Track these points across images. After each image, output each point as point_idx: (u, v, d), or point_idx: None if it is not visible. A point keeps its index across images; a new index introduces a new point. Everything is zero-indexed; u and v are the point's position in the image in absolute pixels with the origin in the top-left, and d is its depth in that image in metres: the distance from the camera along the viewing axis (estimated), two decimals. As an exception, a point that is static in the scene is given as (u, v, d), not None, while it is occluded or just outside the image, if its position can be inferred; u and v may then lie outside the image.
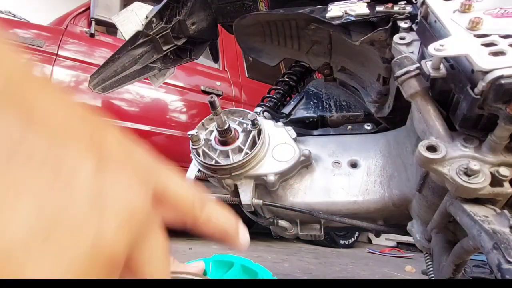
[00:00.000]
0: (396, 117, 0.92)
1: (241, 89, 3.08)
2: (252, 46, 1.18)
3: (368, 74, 0.99)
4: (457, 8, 0.61)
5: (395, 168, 0.84)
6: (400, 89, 0.67)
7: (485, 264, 2.43)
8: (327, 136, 0.98)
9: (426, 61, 0.60)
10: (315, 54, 1.12)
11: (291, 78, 1.24)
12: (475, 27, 0.55)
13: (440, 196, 0.65)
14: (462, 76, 0.55)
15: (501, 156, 0.56)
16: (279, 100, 1.17)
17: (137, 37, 1.03)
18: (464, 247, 0.59)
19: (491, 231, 0.48)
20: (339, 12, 0.87)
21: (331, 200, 0.84)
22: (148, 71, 1.09)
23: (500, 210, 0.55)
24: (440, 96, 0.63)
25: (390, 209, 0.82)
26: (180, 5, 1.10)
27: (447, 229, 0.69)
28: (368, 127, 0.99)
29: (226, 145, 0.83)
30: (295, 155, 0.85)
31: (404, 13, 0.80)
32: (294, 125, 0.96)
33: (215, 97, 0.76)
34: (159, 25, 1.05)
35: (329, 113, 1.06)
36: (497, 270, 0.44)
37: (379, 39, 0.85)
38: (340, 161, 0.89)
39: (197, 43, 1.24)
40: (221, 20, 1.26)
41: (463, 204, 0.56)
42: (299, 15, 0.99)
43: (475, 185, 0.53)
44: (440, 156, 0.56)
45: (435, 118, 0.62)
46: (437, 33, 0.63)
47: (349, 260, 2.99)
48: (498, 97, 0.49)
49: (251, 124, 0.85)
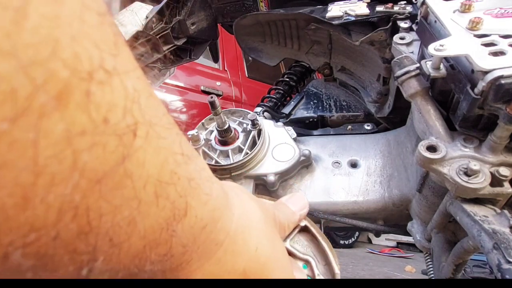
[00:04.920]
0: (396, 117, 0.92)
1: (241, 89, 3.08)
2: (252, 46, 1.18)
3: (368, 74, 0.99)
4: (457, 8, 0.61)
5: (395, 168, 0.84)
6: (400, 89, 0.67)
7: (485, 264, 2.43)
8: (327, 136, 0.98)
9: (426, 61, 0.60)
10: (315, 54, 1.12)
11: (291, 78, 1.24)
12: (475, 27, 0.55)
13: (440, 196, 0.65)
14: (462, 76, 0.55)
15: (501, 156, 0.56)
16: (279, 100, 1.17)
17: (137, 37, 1.03)
18: (464, 247, 0.59)
19: (491, 231, 0.48)
20: (339, 12, 0.87)
21: (331, 200, 0.84)
22: (148, 71, 1.09)
23: (500, 210, 0.55)
24: (440, 96, 0.63)
25: (390, 209, 0.82)
26: (180, 5, 1.10)
27: (447, 229, 0.69)
28: (368, 127, 0.99)
29: (226, 145, 0.83)
30: (295, 155, 0.85)
31: (404, 13, 0.80)
32: (294, 125, 0.96)
33: (215, 97, 0.76)
34: (159, 25, 1.05)
35: (329, 113, 1.06)
36: (497, 270, 0.44)
37: (379, 39, 0.85)
38: (340, 161, 0.89)
39: (197, 43, 1.24)
40: (221, 20, 1.26)
41: (463, 204, 0.56)
42: (299, 15, 0.99)
43: (475, 185, 0.53)
44: (440, 156, 0.56)
45: (435, 118, 0.62)
46: (437, 33, 0.63)
47: (349, 260, 2.99)
48: (498, 97, 0.49)
49: (251, 124, 0.85)
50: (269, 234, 0.25)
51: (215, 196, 0.20)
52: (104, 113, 0.12)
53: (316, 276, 0.35)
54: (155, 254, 0.17)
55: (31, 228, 0.11)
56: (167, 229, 0.17)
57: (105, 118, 0.12)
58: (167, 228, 0.17)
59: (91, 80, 0.12)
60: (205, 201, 0.19)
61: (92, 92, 0.12)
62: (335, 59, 1.09)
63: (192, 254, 0.19)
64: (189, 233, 0.18)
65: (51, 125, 0.11)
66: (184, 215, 0.17)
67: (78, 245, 0.13)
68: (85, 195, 0.12)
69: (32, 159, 0.11)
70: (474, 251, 0.57)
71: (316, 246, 0.38)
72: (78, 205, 0.12)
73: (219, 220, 0.21)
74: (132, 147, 0.14)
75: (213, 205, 0.20)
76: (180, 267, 0.19)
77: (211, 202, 0.20)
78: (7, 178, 0.10)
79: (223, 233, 0.21)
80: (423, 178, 0.67)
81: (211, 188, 0.20)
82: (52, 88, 0.10)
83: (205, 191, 0.19)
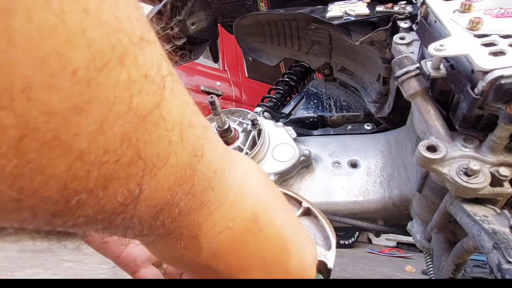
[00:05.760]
0: (396, 117, 0.92)
1: (241, 89, 3.08)
2: (252, 46, 1.18)
3: (368, 74, 0.99)
4: (457, 8, 0.61)
5: (395, 168, 0.84)
6: (400, 89, 0.67)
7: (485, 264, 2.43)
8: (327, 136, 0.98)
9: (426, 61, 0.60)
10: (315, 54, 1.12)
11: (291, 78, 1.24)
12: (475, 27, 0.55)
13: (440, 196, 0.65)
14: (462, 76, 0.55)
15: (501, 156, 0.56)
16: (279, 100, 1.17)
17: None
18: (464, 247, 0.59)
19: (491, 231, 0.48)
20: (339, 12, 0.87)
21: (331, 200, 0.84)
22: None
23: (500, 210, 0.55)
24: (440, 96, 0.63)
25: (390, 209, 0.82)
26: (180, 5, 1.10)
27: (447, 229, 0.69)
28: (368, 127, 0.99)
29: (226, 145, 0.83)
30: (295, 155, 0.85)
31: (404, 13, 0.80)
32: (294, 125, 0.96)
33: (215, 97, 0.76)
34: (159, 25, 1.05)
35: (329, 113, 1.06)
36: (497, 270, 0.44)
37: (379, 39, 0.85)
38: (340, 161, 0.89)
39: (197, 43, 1.24)
40: (221, 20, 1.26)
41: (463, 204, 0.56)
42: (299, 15, 0.99)
43: (475, 185, 0.53)
44: (440, 156, 0.56)
45: (435, 118, 0.62)
46: (437, 33, 0.63)
47: (349, 260, 2.99)
48: (498, 97, 0.49)
49: (251, 124, 0.85)
50: (266, 181, 0.31)
51: (221, 147, 0.25)
52: (146, 70, 0.17)
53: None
54: (182, 191, 0.21)
55: (104, 151, 0.16)
56: (190, 167, 0.21)
57: (146, 73, 0.17)
58: (190, 166, 0.21)
59: (138, 46, 0.16)
60: (214, 149, 0.24)
61: (138, 54, 0.16)
62: (335, 59, 1.09)
63: (209, 194, 0.24)
64: (205, 173, 0.23)
65: (117, 74, 0.15)
66: (201, 156, 0.22)
67: (132, 169, 0.17)
68: (135, 128, 0.17)
69: (107, 97, 0.15)
70: (474, 251, 0.58)
71: (317, 226, 0.43)
72: (131, 136, 0.17)
73: (226, 168, 0.26)
74: (163, 96, 0.18)
75: (220, 154, 0.25)
76: (200, 207, 0.24)
77: (218, 151, 0.25)
78: (93, 110, 0.15)
79: (231, 179, 0.26)
80: (423, 178, 0.67)
81: (217, 140, 0.25)
82: (120, 49, 0.15)
83: (213, 141, 0.24)
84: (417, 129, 0.67)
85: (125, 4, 0.16)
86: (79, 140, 0.15)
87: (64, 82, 0.14)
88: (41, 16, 0.13)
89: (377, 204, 0.82)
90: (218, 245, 0.26)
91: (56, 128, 0.14)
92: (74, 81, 0.14)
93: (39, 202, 0.15)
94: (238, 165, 0.28)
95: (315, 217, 0.43)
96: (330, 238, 0.42)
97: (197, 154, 0.21)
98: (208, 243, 0.25)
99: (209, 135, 0.23)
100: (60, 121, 0.14)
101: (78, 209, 0.17)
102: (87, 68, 0.14)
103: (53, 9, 0.13)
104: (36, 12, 0.13)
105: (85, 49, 0.14)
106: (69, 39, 0.13)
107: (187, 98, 0.21)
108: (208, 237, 0.25)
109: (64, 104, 0.14)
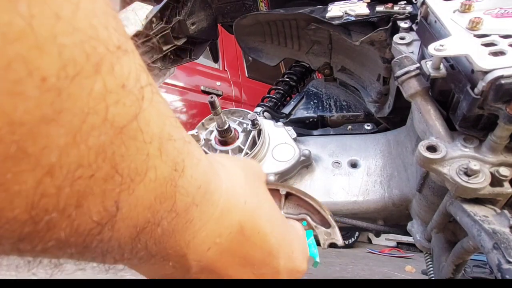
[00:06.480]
0: (396, 117, 0.92)
1: (241, 89, 3.08)
2: (252, 46, 1.18)
3: (368, 74, 0.99)
4: (457, 8, 0.61)
5: (395, 168, 0.84)
6: (400, 89, 0.67)
7: (485, 264, 2.43)
8: (327, 136, 0.98)
9: (426, 61, 0.60)
10: (315, 54, 1.12)
11: (291, 78, 1.24)
12: (475, 27, 0.55)
13: (440, 196, 0.65)
14: (462, 76, 0.55)
15: (501, 156, 0.56)
16: (279, 100, 1.17)
17: (137, 37, 1.02)
18: (464, 247, 0.59)
19: (491, 231, 0.48)
20: (339, 12, 0.87)
21: (331, 200, 0.84)
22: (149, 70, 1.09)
23: (500, 210, 0.55)
24: (440, 96, 0.63)
25: (390, 209, 0.82)
26: (180, 5, 1.10)
27: (447, 229, 0.69)
28: (368, 127, 0.99)
29: (226, 145, 0.83)
30: (295, 155, 0.85)
31: (404, 13, 0.80)
32: (294, 125, 0.96)
33: (215, 97, 0.76)
34: (159, 25, 1.05)
35: (329, 113, 1.06)
36: (497, 270, 0.44)
37: (379, 39, 0.85)
38: (340, 161, 0.89)
39: (197, 43, 1.24)
40: (221, 20, 1.26)
41: (463, 204, 0.56)
42: (299, 15, 0.99)
43: (475, 185, 0.53)
44: (440, 156, 0.56)
45: (435, 118, 0.62)
46: (437, 33, 0.63)
47: (349, 260, 2.99)
48: (498, 97, 0.49)
49: (251, 124, 0.85)
50: (251, 188, 0.30)
51: (203, 161, 0.24)
52: (123, 80, 0.16)
53: (315, 228, 0.43)
54: (164, 209, 0.20)
55: (77, 165, 0.15)
56: (171, 183, 0.20)
57: (123, 83, 0.16)
58: (171, 181, 0.20)
59: (115, 55, 0.16)
60: (196, 163, 0.23)
61: (115, 63, 0.16)
62: (335, 59, 1.09)
63: (193, 211, 0.23)
64: (188, 189, 0.22)
65: (92, 83, 0.14)
66: (183, 171, 0.21)
67: (108, 184, 0.16)
68: (112, 141, 0.16)
69: (80, 107, 0.14)
70: (474, 251, 0.58)
71: (304, 204, 0.45)
72: (107, 149, 0.16)
73: (210, 183, 0.25)
74: (141, 107, 0.17)
75: (203, 168, 0.24)
76: (185, 226, 0.23)
77: (201, 165, 0.24)
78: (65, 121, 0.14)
79: (217, 194, 0.25)
80: (423, 178, 0.67)
81: (200, 154, 0.24)
82: (95, 58, 0.15)
83: (196, 155, 0.23)
84: (417, 129, 0.67)
85: (102, 13, 0.16)
86: (48, 153, 0.14)
87: (31, 90, 0.13)
88: (6, 18, 0.12)
89: (377, 204, 0.82)
90: (207, 260, 0.26)
91: (22, 139, 0.13)
92: (43, 89, 0.13)
93: (3, 223, 0.14)
94: (222, 178, 0.27)
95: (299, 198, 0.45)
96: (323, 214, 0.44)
97: (178, 169, 0.20)
98: (197, 260, 0.25)
99: (190, 149, 0.22)
100: (26, 132, 0.13)
101: (48, 231, 0.15)
102: (58, 76, 0.13)
103: (20, 12, 0.12)
104: (0, 14, 0.12)
105: (55, 56, 0.13)
106: (37, 45, 0.13)
107: (167, 110, 0.20)
108: (197, 255, 0.25)
109: (31, 113, 0.13)
